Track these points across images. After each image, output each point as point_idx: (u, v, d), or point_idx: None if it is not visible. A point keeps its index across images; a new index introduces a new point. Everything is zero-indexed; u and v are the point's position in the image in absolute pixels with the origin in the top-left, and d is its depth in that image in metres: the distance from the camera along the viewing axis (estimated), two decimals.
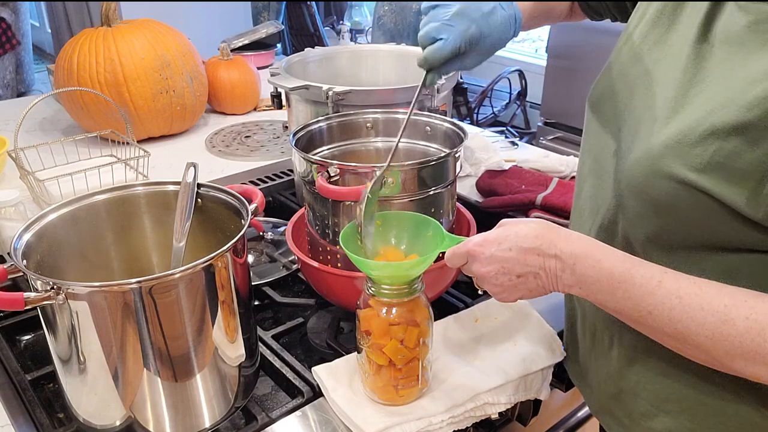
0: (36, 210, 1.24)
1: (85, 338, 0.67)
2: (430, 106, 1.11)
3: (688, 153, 0.58)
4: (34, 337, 0.97)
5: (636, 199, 0.65)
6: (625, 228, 0.69)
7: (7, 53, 4.13)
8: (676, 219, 0.62)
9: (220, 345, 0.74)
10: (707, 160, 0.56)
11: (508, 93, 4.06)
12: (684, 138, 0.58)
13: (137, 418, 0.71)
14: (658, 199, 0.62)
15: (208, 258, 0.68)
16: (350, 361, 0.83)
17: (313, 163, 0.86)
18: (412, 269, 0.72)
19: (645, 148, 0.63)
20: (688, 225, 0.61)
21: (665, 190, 0.60)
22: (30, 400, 0.80)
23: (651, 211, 0.64)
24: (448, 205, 0.93)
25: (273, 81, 1.18)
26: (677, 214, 0.61)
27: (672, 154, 0.59)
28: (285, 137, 1.67)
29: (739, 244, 0.60)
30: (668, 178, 0.60)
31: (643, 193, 0.63)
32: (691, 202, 0.59)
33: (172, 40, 1.59)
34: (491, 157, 1.44)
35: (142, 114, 1.55)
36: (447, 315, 0.93)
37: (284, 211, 1.32)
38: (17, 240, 0.71)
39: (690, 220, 0.61)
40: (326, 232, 0.91)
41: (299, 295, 1.06)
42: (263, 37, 2.30)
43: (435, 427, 0.75)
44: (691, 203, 0.59)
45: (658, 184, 0.61)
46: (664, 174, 0.60)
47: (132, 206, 0.84)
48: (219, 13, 4.06)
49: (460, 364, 0.83)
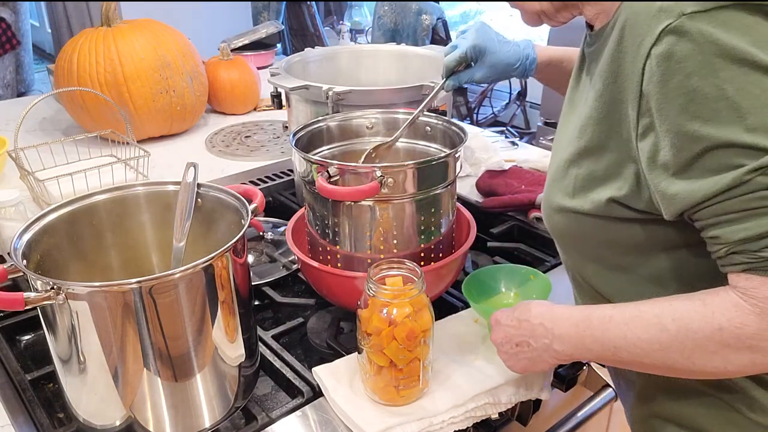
0: (36, 210, 1.24)
1: (85, 338, 0.67)
2: (430, 106, 1.11)
3: (561, 183, 0.71)
4: (34, 337, 0.97)
5: (555, 240, 0.79)
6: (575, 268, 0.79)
7: (7, 53, 4.13)
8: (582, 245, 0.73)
9: (220, 345, 0.74)
10: (573, 185, 0.69)
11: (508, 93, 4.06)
12: (556, 173, 0.72)
13: (137, 418, 0.71)
14: (561, 231, 0.74)
15: (208, 258, 0.68)
16: (351, 362, 0.83)
17: (313, 163, 0.86)
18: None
19: (545, 192, 0.76)
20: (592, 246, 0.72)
21: (559, 220, 0.73)
22: (30, 400, 0.80)
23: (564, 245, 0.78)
24: (448, 205, 0.93)
25: (273, 81, 1.18)
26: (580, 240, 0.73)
27: (553, 188, 0.73)
28: (285, 137, 1.67)
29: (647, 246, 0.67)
30: (557, 210, 0.72)
31: (552, 231, 0.77)
32: (582, 226, 0.70)
33: (172, 40, 1.59)
34: (491, 157, 1.44)
35: (142, 114, 1.55)
36: (447, 315, 0.93)
37: (284, 211, 1.32)
38: (17, 240, 0.71)
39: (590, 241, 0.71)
40: (326, 232, 0.91)
41: (299, 295, 1.06)
42: (263, 37, 2.30)
43: (436, 427, 0.75)
44: (582, 226, 0.70)
45: (554, 218, 0.74)
46: (555, 207, 0.73)
47: (132, 206, 0.84)
48: (219, 13, 4.07)
49: (460, 364, 0.83)
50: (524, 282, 0.94)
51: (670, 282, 0.68)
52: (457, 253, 0.91)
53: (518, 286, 0.94)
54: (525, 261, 1.11)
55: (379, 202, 0.85)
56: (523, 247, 1.16)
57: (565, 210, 0.71)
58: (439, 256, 0.92)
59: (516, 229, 1.22)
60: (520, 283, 0.94)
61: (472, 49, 0.92)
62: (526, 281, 0.94)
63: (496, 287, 0.95)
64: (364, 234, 0.88)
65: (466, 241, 0.94)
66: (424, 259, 0.91)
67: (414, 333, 0.73)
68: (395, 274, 0.76)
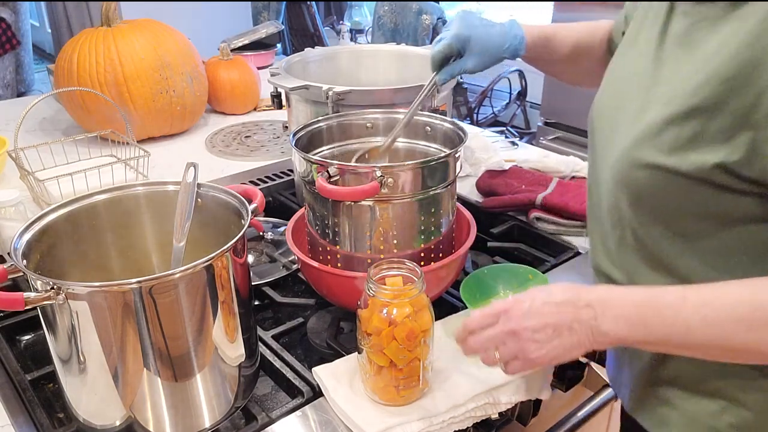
0: (36, 210, 1.24)
1: (85, 338, 0.67)
2: (430, 106, 1.11)
3: (655, 140, 0.66)
4: (34, 337, 0.97)
5: (625, 196, 0.71)
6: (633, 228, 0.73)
7: (7, 53, 4.13)
8: (662, 206, 0.68)
9: (220, 345, 0.74)
10: (672, 144, 0.64)
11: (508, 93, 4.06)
12: (649, 130, 0.67)
13: (137, 418, 0.71)
14: (641, 187, 0.68)
15: (208, 258, 0.68)
16: (351, 362, 0.83)
17: (313, 163, 0.86)
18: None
19: (622, 146, 0.70)
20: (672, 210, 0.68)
21: (645, 179, 0.67)
22: (30, 400, 0.80)
23: (638, 203, 0.70)
24: (448, 205, 0.93)
25: (273, 81, 1.18)
26: (661, 201, 0.68)
27: (643, 145, 0.67)
28: (285, 137, 1.67)
29: (727, 217, 0.65)
30: (644, 166, 0.67)
31: (627, 188, 0.70)
32: (670, 186, 0.66)
33: (172, 40, 1.59)
34: (491, 157, 1.44)
35: (142, 114, 1.55)
36: (447, 315, 0.93)
37: (284, 211, 1.32)
38: (17, 240, 0.71)
39: (672, 203, 0.67)
40: (326, 232, 0.91)
41: (299, 295, 1.06)
42: (263, 37, 2.30)
43: (436, 427, 0.75)
44: (670, 187, 0.66)
45: (635, 173, 0.68)
46: (640, 164, 0.67)
47: (132, 206, 0.84)
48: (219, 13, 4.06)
49: (460, 364, 0.83)
50: (523, 282, 0.94)
51: (738, 255, 0.66)
52: (457, 253, 0.91)
53: (517, 286, 0.94)
54: (525, 261, 1.11)
55: (379, 202, 0.85)
56: (523, 247, 1.16)
57: (656, 167, 0.66)
58: (439, 256, 0.93)
59: (516, 229, 1.22)
60: (519, 283, 0.94)
61: (455, 38, 0.90)
62: (525, 281, 0.94)
63: (495, 287, 0.95)
64: (364, 234, 0.88)
65: (466, 241, 0.94)
66: (424, 259, 0.91)
67: (414, 333, 0.73)
68: (395, 274, 0.76)
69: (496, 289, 0.95)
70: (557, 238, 1.17)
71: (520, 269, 0.97)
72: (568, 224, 1.17)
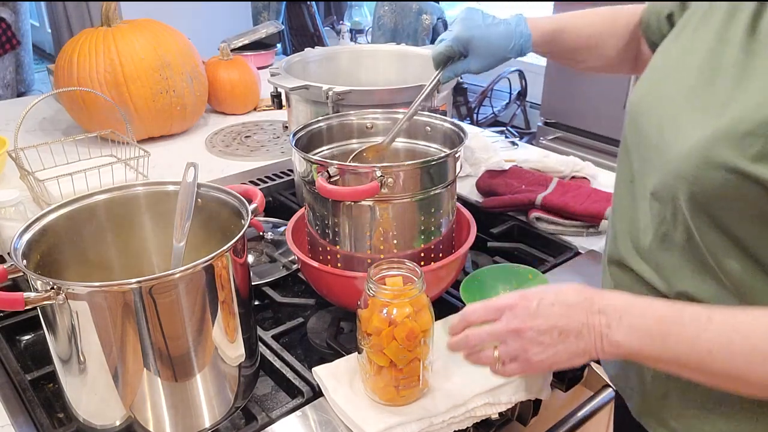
0: (36, 210, 1.24)
1: (85, 338, 0.67)
2: (430, 106, 1.11)
3: (740, 143, 0.58)
4: (34, 337, 0.97)
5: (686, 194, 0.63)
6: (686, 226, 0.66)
7: (7, 53, 4.13)
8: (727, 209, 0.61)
9: (220, 345, 0.74)
10: (759, 150, 0.56)
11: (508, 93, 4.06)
12: (736, 128, 0.58)
13: (137, 418, 0.71)
14: (712, 189, 0.61)
15: (208, 258, 0.68)
16: (351, 362, 0.83)
17: (313, 163, 0.86)
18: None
19: (693, 140, 0.62)
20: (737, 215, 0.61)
21: (717, 180, 0.60)
22: (30, 400, 0.80)
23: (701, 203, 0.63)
24: (448, 205, 0.93)
25: (273, 81, 1.18)
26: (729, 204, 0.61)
27: (724, 145, 0.59)
28: (285, 137, 1.67)
29: None
30: (721, 168, 0.59)
31: (693, 185, 0.62)
32: (743, 192, 0.59)
33: (172, 40, 1.59)
34: (491, 157, 1.44)
35: (142, 114, 1.55)
36: (447, 315, 0.93)
37: (284, 211, 1.32)
38: (17, 240, 0.71)
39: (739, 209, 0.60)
40: (326, 232, 0.91)
41: (299, 295, 1.06)
42: (263, 37, 2.30)
43: (436, 427, 0.75)
44: (743, 193, 0.59)
45: (709, 175, 0.60)
46: (717, 164, 0.59)
47: (132, 206, 0.84)
48: (219, 13, 4.06)
49: (460, 364, 0.82)
50: (523, 282, 0.94)
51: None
52: (457, 253, 0.91)
53: (517, 286, 0.94)
54: (525, 261, 1.11)
55: (379, 202, 0.85)
56: (523, 247, 1.16)
57: (736, 171, 0.58)
58: (439, 256, 0.93)
59: (516, 229, 1.22)
60: (519, 283, 0.94)
61: (455, 41, 0.89)
62: (525, 281, 0.94)
63: (495, 287, 0.95)
64: (364, 234, 0.88)
65: (466, 241, 0.94)
66: (424, 259, 0.91)
67: (414, 333, 0.73)
68: (395, 274, 0.76)
69: (496, 289, 0.95)
70: (557, 238, 1.17)
71: (520, 269, 0.97)
72: (568, 224, 1.18)
